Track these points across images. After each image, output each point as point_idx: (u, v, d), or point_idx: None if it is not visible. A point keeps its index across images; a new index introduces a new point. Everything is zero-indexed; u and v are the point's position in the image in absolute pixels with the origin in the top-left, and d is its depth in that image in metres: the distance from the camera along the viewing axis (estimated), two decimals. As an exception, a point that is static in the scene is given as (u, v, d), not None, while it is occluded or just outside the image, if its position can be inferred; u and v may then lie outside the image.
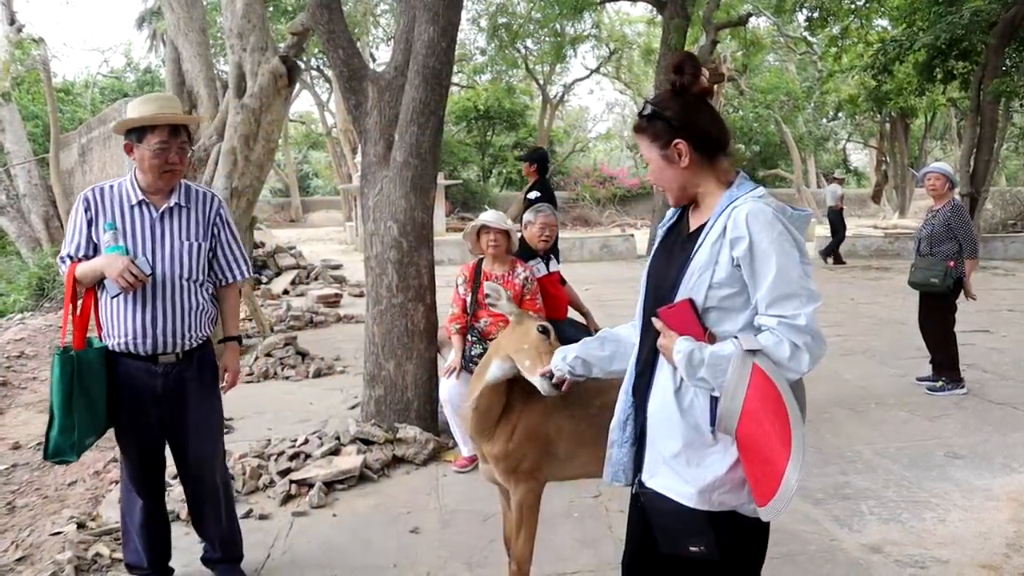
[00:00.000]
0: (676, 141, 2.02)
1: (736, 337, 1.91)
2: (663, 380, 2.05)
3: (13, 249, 12.73)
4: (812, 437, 5.21)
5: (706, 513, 1.95)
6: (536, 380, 2.57)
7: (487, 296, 2.96)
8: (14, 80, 11.61)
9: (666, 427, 2.01)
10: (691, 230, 2.10)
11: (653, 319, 2.02)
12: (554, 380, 2.47)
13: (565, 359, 2.39)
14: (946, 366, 6.36)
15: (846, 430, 5.40)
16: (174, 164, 3.07)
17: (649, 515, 2.09)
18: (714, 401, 1.93)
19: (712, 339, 1.94)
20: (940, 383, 6.32)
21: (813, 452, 4.93)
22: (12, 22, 12.12)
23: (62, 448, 2.94)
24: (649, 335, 2.10)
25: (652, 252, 2.25)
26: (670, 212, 2.24)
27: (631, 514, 2.28)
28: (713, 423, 1.94)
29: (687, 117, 2.04)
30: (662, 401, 2.04)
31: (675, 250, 2.13)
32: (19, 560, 3.70)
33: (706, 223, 2.02)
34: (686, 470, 1.97)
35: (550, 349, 2.63)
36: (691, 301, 1.95)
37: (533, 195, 7.65)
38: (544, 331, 2.73)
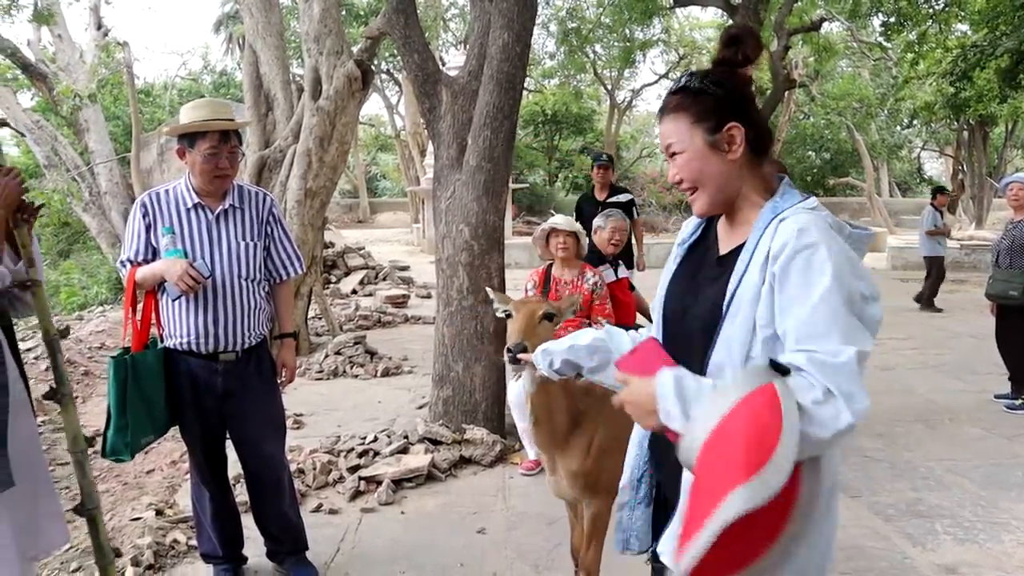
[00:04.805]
0: (730, 124, 1.63)
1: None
2: None
3: (94, 244, 13.19)
4: (883, 450, 5.12)
5: None
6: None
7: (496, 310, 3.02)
8: (99, 83, 12.04)
9: None
10: (723, 252, 1.73)
11: (614, 374, 1.72)
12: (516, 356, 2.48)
13: (551, 364, 2.09)
14: (1026, 383, 6.16)
15: (918, 444, 5.28)
16: (224, 169, 3.13)
17: None
18: None
19: None
20: (1020, 401, 6.12)
21: (884, 466, 4.84)
22: (99, 27, 12.58)
23: (117, 447, 3.03)
24: None
25: (670, 272, 1.88)
26: (691, 225, 1.88)
27: None
28: None
29: (743, 98, 1.68)
30: None
31: (701, 274, 1.77)
32: (102, 544, 3.84)
33: (744, 244, 1.64)
34: None
35: (523, 328, 2.71)
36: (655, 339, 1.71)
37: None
38: (508, 315, 2.82)
